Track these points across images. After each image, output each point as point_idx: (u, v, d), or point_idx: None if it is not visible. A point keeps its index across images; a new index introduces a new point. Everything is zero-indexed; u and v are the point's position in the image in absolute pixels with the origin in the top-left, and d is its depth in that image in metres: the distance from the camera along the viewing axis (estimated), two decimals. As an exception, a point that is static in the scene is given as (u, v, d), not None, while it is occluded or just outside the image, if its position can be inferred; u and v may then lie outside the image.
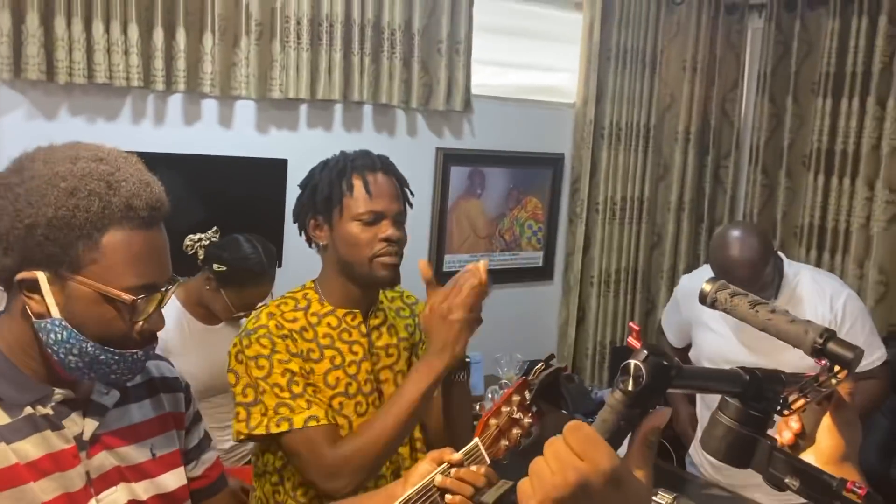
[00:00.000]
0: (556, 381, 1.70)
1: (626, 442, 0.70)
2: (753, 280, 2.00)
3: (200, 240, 2.27)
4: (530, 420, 1.34)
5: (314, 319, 1.51)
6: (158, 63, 2.54)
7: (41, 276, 0.94)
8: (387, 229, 1.47)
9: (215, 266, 2.23)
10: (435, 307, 1.40)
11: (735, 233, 2.06)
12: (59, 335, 0.95)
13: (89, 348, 0.96)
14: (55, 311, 0.95)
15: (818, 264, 3.36)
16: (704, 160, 3.89)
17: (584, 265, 3.68)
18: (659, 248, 3.90)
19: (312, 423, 1.40)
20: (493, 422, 1.32)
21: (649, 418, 0.69)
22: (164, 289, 1.01)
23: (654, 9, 3.60)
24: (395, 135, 3.16)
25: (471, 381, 3.11)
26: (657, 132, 3.75)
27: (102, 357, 0.98)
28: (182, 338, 2.24)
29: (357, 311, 1.54)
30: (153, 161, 1.04)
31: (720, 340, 2.24)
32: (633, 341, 0.87)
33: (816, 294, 2.18)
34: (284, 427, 1.40)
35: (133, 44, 2.48)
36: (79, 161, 0.96)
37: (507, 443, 1.32)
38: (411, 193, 1.58)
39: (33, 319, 0.96)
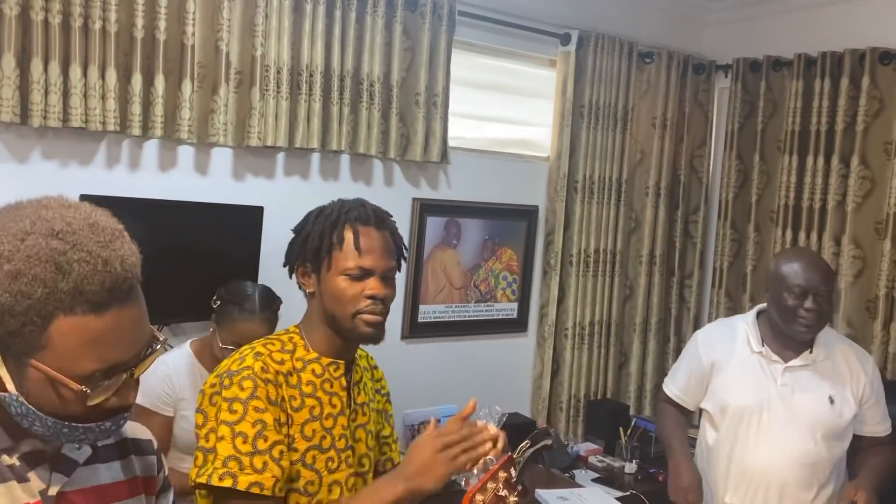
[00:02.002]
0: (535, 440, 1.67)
1: None
2: (831, 284, 2.17)
3: None
4: (515, 498, 1.30)
5: (299, 364, 1.46)
6: (136, 108, 2.52)
7: None
8: (373, 286, 1.43)
9: (213, 299, 2.30)
10: (435, 439, 1.32)
11: (804, 250, 2.36)
12: (18, 409, 0.90)
13: (50, 423, 0.90)
14: (11, 388, 0.89)
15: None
16: (674, 215, 3.96)
17: (559, 317, 3.67)
18: (631, 300, 3.92)
19: (255, 490, 1.31)
20: (479, 498, 1.27)
21: None
22: (133, 364, 0.94)
23: (624, 67, 3.70)
24: (371, 184, 3.16)
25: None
26: (629, 186, 3.82)
27: (66, 430, 0.91)
28: (194, 388, 2.24)
29: (341, 361, 1.50)
30: (127, 206, 0.99)
31: (753, 390, 2.21)
32: None
33: (850, 354, 2.26)
34: (227, 483, 1.31)
35: (111, 88, 2.46)
36: (28, 237, 0.87)
37: None
38: (405, 248, 1.55)
39: None
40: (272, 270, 2.84)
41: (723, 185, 3.84)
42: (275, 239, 2.83)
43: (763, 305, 2.33)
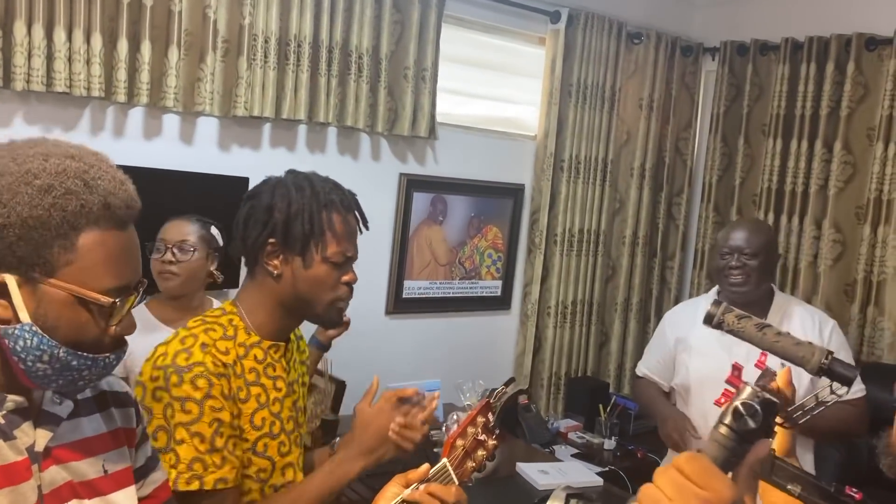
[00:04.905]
0: (515, 409, 1.72)
1: None
2: (755, 244, 2.22)
3: None
4: (494, 442, 1.35)
5: (241, 351, 1.39)
6: (121, 74, 2.48)
7: (10, 280, 0.89)
8: (350, 274, 1.43)
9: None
10: (385, 416, 1.40)
11: (742, 219, 2.52)
12: (28, 341, 0.90)
13: (61, 354, 0.91)
14: (24, 316, 0.89)
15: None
16: (658, 196, 3.99)
17: (542, 296, 3.70)
18: (613, 280, 3.96)
19: (221, 486, 1.31)
20: (459, 443, 1.33)
21: (754, 450, 0.74)
22: (136, 290, 0.98)
23: (613, 47, 3.70)
24: (358, 158, 3.14)
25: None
26: (614, 167, 3.83)
27: (74, 363, 0.92)
28: (152, 342, 2.21)
29: (282, 343, 1.45)
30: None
31: (710, 362, 2.28)
32: (735, 380, 0.89)
33: (807, 318, 2.31)
34: (195, 486, 1.28)
35: (96, 53, 2.43)
36: (50, 158, 0.91)
37: (472, 464, 1.33)
38: (366, 228, 1.49)
39: None
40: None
41: (707, 168, 3.88)
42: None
43: None
